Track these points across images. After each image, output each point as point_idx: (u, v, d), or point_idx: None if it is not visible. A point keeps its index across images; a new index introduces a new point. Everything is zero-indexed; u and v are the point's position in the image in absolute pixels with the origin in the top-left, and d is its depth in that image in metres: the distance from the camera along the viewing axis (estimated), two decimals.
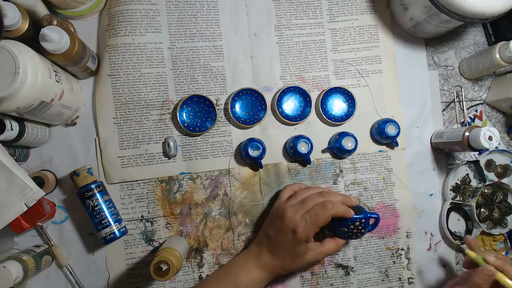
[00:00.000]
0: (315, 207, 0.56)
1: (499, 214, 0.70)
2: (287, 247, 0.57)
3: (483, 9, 0.57)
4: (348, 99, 0.69)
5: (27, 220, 0.58)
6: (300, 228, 0.55)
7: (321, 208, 0.56)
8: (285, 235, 0.56)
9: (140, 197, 0.66)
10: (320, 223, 0.55)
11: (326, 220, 0.55)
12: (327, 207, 0.55)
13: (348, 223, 0.58)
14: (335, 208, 0.56)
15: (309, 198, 0.59)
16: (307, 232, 0.55)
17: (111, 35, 0.65)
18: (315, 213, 0.55)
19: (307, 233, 0.55)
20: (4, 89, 0.48)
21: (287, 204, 0.59)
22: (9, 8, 0.50)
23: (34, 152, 0.65)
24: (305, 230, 0.55)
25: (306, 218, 0.55)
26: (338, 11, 0.71)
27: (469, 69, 0.71)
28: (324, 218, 0.55)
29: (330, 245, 0.59)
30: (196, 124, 0.66)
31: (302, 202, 0.58)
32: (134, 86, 0.66)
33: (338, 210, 0.56)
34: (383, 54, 0.71)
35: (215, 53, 0.68)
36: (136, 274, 0.65)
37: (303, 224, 0.55)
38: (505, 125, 0.74)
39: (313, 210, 0.56)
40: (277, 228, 0.58)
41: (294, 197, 0.61)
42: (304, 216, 0.56)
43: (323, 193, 0.59)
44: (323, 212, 0.55)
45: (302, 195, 0.60)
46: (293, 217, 0.56)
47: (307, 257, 0.57)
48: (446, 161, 0.72)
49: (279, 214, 0.59)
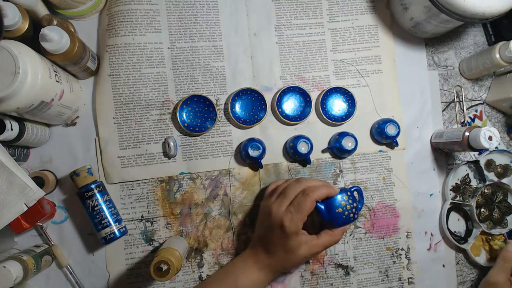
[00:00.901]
0: (297, 197, 0.56)
1: (499, 214, 0.70)
2: (279, 243, 0.56)
3: (483, 9, 0.57)
4: (348, 99, 0.69)
5: (27, 220, 0.58)
6: (287, 221, 0.55)
7: (302, 196, 0.55)
8: (274, 231, 0.56)
9: (140, 197, 0.66)
10: (305, 211, 0.54)
11: (311, 206, 0.55)
12: (308, 194, 0.55)
13: (340, 202, 0.56)
14: (317, 192, 0.55)
15: (288, 188, 0.58)
16: (294, 223, 0.54)
17: (111, 35, 0.65)
18: (298, 202, 0.55)
19: (295, 225, 0.54)
20: (4, 89, 0.48)
21: (271, 201, 0.59)
22: (9, 8, 0.50)
23: (34, 152, 0.65)
24: (292, 222, 0.54)
25: (290, 210, 0.55)
26: (338, 11, 0.71)
27: (469, 69, 0.71)
28: (308, 205, 0.54)
29: (326, 237, 0.58)
30: (196, 124, 0.66)
31: (283, 195, 0.58)
32: (134, 86, 0.66)
33: (320, 193, 0.55)
34: (383, 54, 0.71)
35: (215, 53, 0.68)
36: (136, 274, 0.65)
37: (289, 217, 0.55)
38: (505, 125, 0.74)
39: (295, 200, 0.56)
40: (266, 226, 0.58)
41: (275, 192, 0.60)
42: (289, 209, 0.55)
43: (301, 180, 0.59)
44: (305, 199, 0.54)
45: (282, 188, 0.60)
46: (278, 212, 0.56)
47: (301, 251, 0.56)
48: (446, 161, 0.72)
49: (266, 212, 0.59)
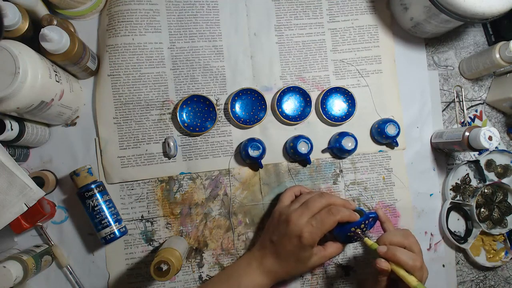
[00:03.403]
0: (321, 213, 0.56)
1: (499, 214, 0.70)
2: (292, 252, 0.56)
3: (483, 9, 0.57)
4: (348, 99, 0.69)
5: (27, 220, 0.58)
6: (306, 233, 0.54)
7: (327, 213, 0.55)
8: (290, 240, 0.56)
9: (140, 197, 0.66)
10: (327, 229, 0.55)
11: (333, 225, 0.55)
12: (333, 213, 0.55)
13: (354, 227, 0.56)
14: (341, 214, 0.55)
15: (312, 201, 0.58)
16: (313, 237, 0.55)
17: (111, 35, 0.65)
18: (321, 219, 0.55)
19: (313, 239, 0.55)
20: (4, 89, 0.48)
21: (291, 209, 0.58)
22: (9, 8, 0.50)
23: (34, 152, 0.65)
24: (311, 236, 0.54)
25: (312, 223, 0.55)
26: (338, 11, 0.71)
27: (469, 69, 0.71)
28: (331, 224, 0.54)
29: (332, 249, 0.59)
30: (196, 124, 0.66)
31: (306, 206, 0.57)
32: (134, 86, 0.66)
33: (343, 215, 0.55)
34: (383, 54, 0.71)
35: (215, 53, 0.68)
36: (136, 274, 0.65)
37: (309, 229, 0.55)
38: (505, 125, 0.74)
39: (319, 215, 0.55)
40: (282, 233, 0.57)
41: (297, 201, 0.60)
42: (310, 221, 0.55)
43: (324, 194, 0.59)
44: (329, 217, 0.55)
45: (304, 199, 0.60)
46: (298, 222, 0.55)
47: (311, 262, 0.57)
48: (446, 161, 0.72)
49: (283, 219, 0.58)
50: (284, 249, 0.57)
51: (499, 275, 0.73)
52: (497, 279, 0.72)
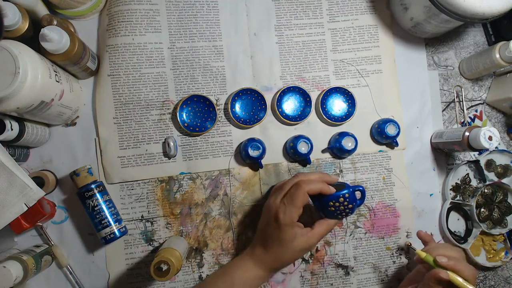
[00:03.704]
0: (290, 189, 0.57)
1: (499, 214, 0.70)
2: (275, 236, 0.57)
3: (483, 9, 0.57)
4: (348, 99, 0.69)
5: (27, 220, 0.58)
6: (281, 213, 0.55)
7: (295, 188, 0.56)
8: (270, 224, 0.57)
9: (140, 197, 0.66)
10: (298, 202, 0.55)
11: (303, 198, 0.55)
12: (300, 185, 0.55)
13: (332, 201, 0.56)
14: (310, 185, 0.55)
15: (285, 183, 0.59)
16: (288, 215, 0.55)
17: (111, 35, 0.65)
18: (290, 194, 0.56)
19: (288, 217, 0.55)
20: (4, 89, 0.48)
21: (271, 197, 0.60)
22: (9, 8, 0.50)
23: (34, 152, 0.65)
24: (285, 214, 0.55)
25: (284, 202, 0.56)
26: (338, 11, 0.71)
27: (469, 69, 0.71)
28: (300, 197, 0.55)
29: (320, 227, 0.57)
30: (196, 124, 0.66)
31: (280, 188, 0.59)
32: (134, 86, 0.66)
33: (312, 187, 0.55)
34: (383, 54, 0.71)
35: (215, 53, 0.68)
36: (136, 274, 0.65)
37: (283, 209, 0.55)
38: (505, 125, 0.74)
39: (289, 192, 0.56)
40: (264, 222, 0.59)
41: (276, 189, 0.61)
42: (283, 200, 0.56)
43: (298, 174, 0.60)
44: (297, 191, 0.55)
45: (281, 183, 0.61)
46: (273, 204, 0.57)
47: (296, 244, 0.56)
48: (446, 161, 0.72)
49: (264, 208, 0.60)
50: (268, 235, 0.57)
51: (499, 275, 0.73)
52: (497, 279, 0.72)
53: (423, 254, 0.55)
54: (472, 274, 0.51)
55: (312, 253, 0.69)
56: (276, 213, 0.56)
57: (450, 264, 0.52)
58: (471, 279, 0.51)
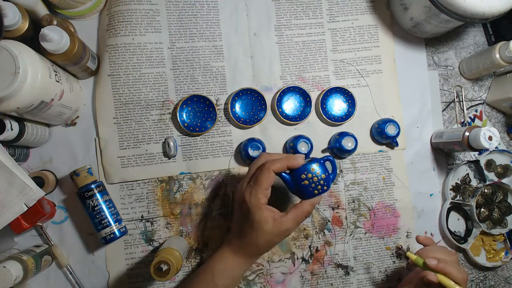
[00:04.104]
0: (256, 172, 0.56)
1: (499, 214, 0.70)
2: (245, 221, 0.55)
3: (483, 9, 0.57)
4: (348, 99, 0.69)
5: (27, 220, 0.58)
6: (247, 196, 0.54)
7: (261, 169, 0.55)
8: (241, 209, 0.56)
9: (140, 197, 0.66)
10: (263, 183, 0.53)
11: (268, 177, 0.53)
12: (265, 166, 0.54)
13: (304, 173, 0.54)
14: (276, 164, 0.54)
15: (251, 165, 0.58)
16: (254, 197, 0.53)
17: (111, 35, 0.65)
18: (256, 176, 0.54)
19: (255, 198, 0.53)
20: (4, 89, 0.48)
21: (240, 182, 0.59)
22: (9, 8, 0.50)
23: (34, 152, 0.65)
24: (252, 196, 0.54)
25: (250, 184, 0.55)
26: (338, 11, 0.71)
27: (469, 69, 0.71)
28: (265, 176, 0.53)
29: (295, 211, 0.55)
30: (196, 124, 0.66)
31: (248, 173, 0.58)
32: (134, 86, 0.66)
33: (278, 165, 0.54)
34: (383, 54, 0.71)
35: (215, 53, 0.68)
36: (136, 274, 0.65)
37: (249, 191, 0.54)
38: (505, 125, 0.74)
39: (254, 174, 0.55)
40: (237, 207, 0.58)
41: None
42: (249, 183, 0.55)
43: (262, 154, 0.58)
44: (262, 171, 0.54)
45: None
46: (241, 189, 0.56)
47: (268, 227, 0.54)
48: (446, 161, 0.72)
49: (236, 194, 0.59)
50: (240, 222, 0.57)
51: (499, 275, 0.73)
52: (497, 279, 0.72)
53: (413, 257, 0.55)
54: (462, 278, 0.52)
55: (312, 253, 0.69)
56: (243, 196, 0.55)
57: (439, 266, 0.52)
58: (461, 282, 0.51)
